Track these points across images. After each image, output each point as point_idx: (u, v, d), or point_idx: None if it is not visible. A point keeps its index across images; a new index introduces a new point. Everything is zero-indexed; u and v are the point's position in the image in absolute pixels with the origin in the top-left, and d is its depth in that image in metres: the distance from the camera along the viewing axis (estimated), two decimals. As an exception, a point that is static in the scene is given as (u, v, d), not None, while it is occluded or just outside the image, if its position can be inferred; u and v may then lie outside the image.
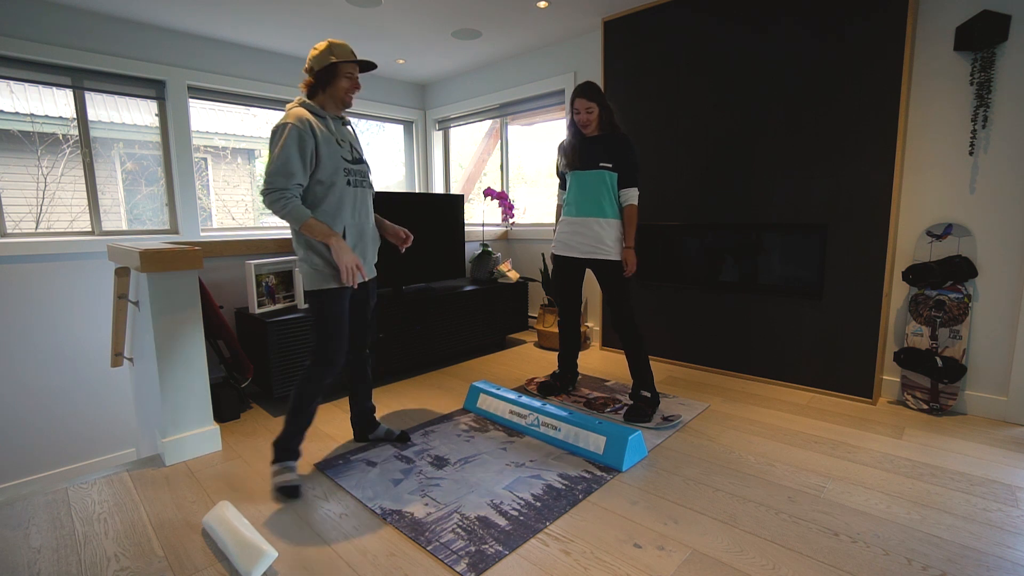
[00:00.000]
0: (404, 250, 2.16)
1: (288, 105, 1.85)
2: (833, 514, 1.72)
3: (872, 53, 2.54)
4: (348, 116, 2.07)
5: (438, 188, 5.51)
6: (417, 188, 5.52)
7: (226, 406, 2.53)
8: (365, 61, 1.93)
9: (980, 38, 2.33)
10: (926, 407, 2.58)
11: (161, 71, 3.70)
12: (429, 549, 1.54)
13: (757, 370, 3.08)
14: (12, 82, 3.32)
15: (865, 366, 2.70)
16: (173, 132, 3.82)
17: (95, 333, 3.43)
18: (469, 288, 3.60)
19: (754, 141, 2.95)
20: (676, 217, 3.32)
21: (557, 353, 3.67)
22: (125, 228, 3.88)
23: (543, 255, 4.24)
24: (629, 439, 2.04)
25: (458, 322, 3.48)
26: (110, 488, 1.94)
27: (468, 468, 2.03)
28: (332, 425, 2.47)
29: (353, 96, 1.92)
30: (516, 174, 5.04)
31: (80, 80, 3.47)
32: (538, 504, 1.78)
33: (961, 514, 1.71)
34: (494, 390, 2.57)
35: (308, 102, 1.85)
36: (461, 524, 1.66)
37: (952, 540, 1.58)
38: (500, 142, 4.89)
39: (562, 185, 2.68)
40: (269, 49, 4.19)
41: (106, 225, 3.67)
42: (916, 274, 2.57)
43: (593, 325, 3.99)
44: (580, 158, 2.48)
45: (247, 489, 1.90)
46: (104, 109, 3.73)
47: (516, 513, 1.72)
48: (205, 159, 5.20)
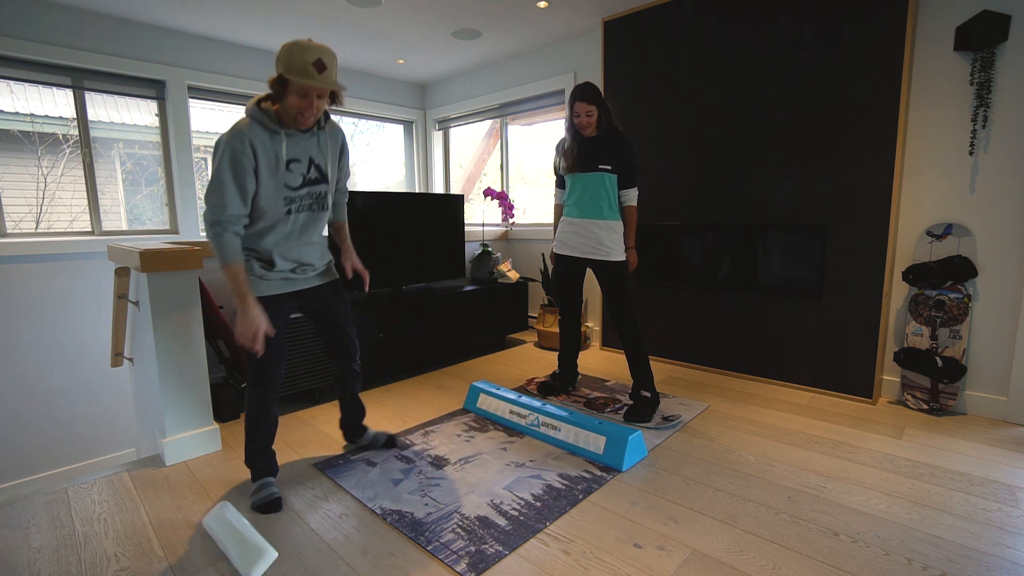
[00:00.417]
0: (351, 276, 1.96)
1: (248, 104, 1.61)
2: (833, 514, 1.72)
3: (872, 53, 2.54)
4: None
5: (438, 188, 5.51)
6: (417, 188, 5.52)
7: (226, 406, 2.53)
8: (321, 86, 1.53)
9: (980, 38, 2.33)
10: (926, 407, 2.58)
11: (161, 71, 3.70)
12: (429, 549, 1.54)
13: (757, 370, 3.08)
14: (12, 82, 3.32)
15: (865, 366, 2.70)
16: (173, 132, 3.82)
17: (95, 333, 3.43)
18: (469, 288, 3.60)
19: (754, 141, 2.95)
20: (676, 217, 3.32)
21: (557, 353, 3.67)
22: (125, 228, 3.88)
23: (543, 255, 4.24)
24: (629, 439, 2.04)
25: (458, 322, 3.48)
26: (110, 488, 1.94)
27: (468, 468, 2.03)
28: (332, 425, 2.47)
29: (309, 118, 1.59)
30: (516, 174, 5.04)
31: (80, 80, 3.47)
32: (538, 504, 1.78)
33: (961, 514, 1.71)
34: (494, 390, 2.57)
35: (261, 109, 1.58)
36: (461, 524, 1.66)
37: (952, 540, 1.58)
38: (500, 142, 4.89)
39: (559, 184, 2.68)
40: (269, 49, 4.19)
41: (106, 225, 3.67)
42: (916, 274, 2.57)
43: (593, 325, 3.99)
44: (580, 160, 2.47)
45: (247, 489, 1.90)
46: (104, 109, 3.73)
47: (516, 513, 1.72)
48: (205, 159, 5.20)
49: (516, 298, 3.90)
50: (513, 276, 3.90)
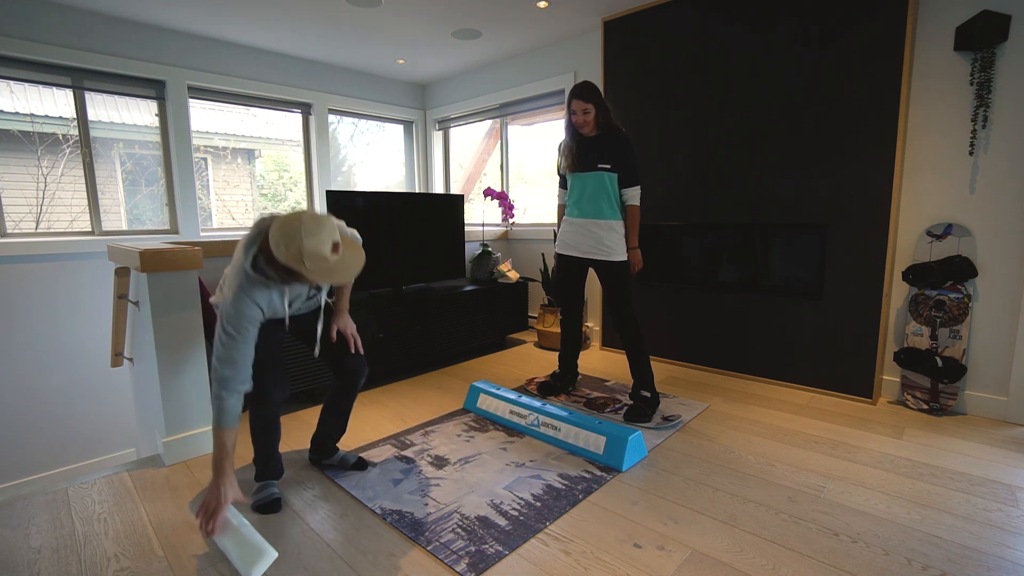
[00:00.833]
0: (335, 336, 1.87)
1: (248, 234, 1.54)
2: (833, 514, 1.72)
3: (872, 53, 2.54)
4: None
5: (438, 188, 5.51)
6: (417, 188, 5.52)
7: (226, 406, 2.52)
8: (330, 277, 1.50)
9: (980, 38, 2.33)
10: (926, 407, 2.58)
11: (161, 71, 3.70)
12: (429, 549, 1.54)
13: (757, 370, 3.08)
14: (12, 82, 3.32)
15: (865, 366, 2.70)
16: (173, 132, 3.82)
17: (95, 333, 3.43)
18: (469, 288, 3.60)
19: (754, 141, 2.95)
20: (676, 217, 3.32)
21: (557, 353, 3.67)
22: (125, 228, 3.88)
23: (543, 255, 4.24)
24: (629, 439, 2.04)
25: (458, 322, 3.48)
26: (110, 488, 1.94)
27: (468, 468, 2.03)
28: (332, 425, 2.47)
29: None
30: (516, 174, 5.04)
31: (80, 80, 3.47)
32: (538, 504, 1.78)
33: (961, 514, 1.71)
34: (494, 390, 2.57)
35: (258, 274, 1.54)
36: (461, 524, 1.66)
37: (952, 540, 1.58)
38: (500, 142, 4.89)
39: (562, 184, 2.68)
40: (269, 49, 4.19)
41: (106, 225, 3.67)
42: (916, 274, 2.57)
43: (593, 325, 3.99)
44: (579, 160, 2.48)
45: (247, 489, 1.90)
46: (104, 109, 3.73)
47: (516, 513, 1.72)
48: (205, 159, 5.20)
49: (516, 298, 3.90)
50: (513, 276, 3.90)
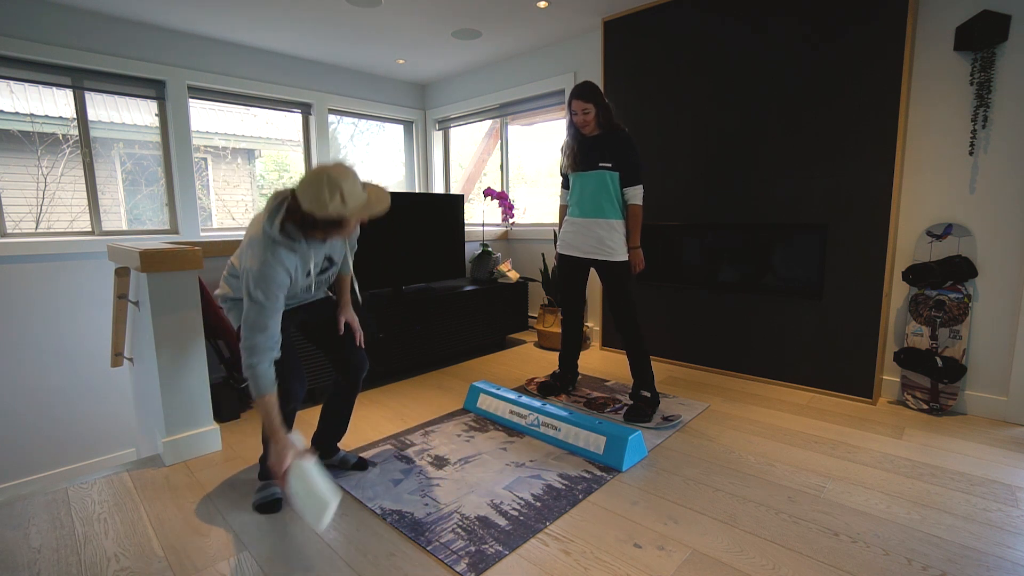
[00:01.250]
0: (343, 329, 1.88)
1: (268, 204, 1.55)
2: (833, 514, 1.72)
3: (872, 53, 2.54)
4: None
5: (438, 188, 5.51)
6: (417, 188, 5.52)
7: (226, 406, 2.53)
8: (372, 211, 1.56)
9: (980, 38, 2.33)
10: (926, 407, 2.58)
11: (161, 71, 3.70)
12: (429, 549, 1.54)
13: (757, 370, 3.08)
14: (12, 82, 3.32)
15: (865, 366, 2.70)
16: (173, 132, 3.82)
17: (95, 333, 3.43)
18: (469, 288, 3.60)
19: (754, 141, 2.95)
20: (676, 217, 3.32)
21: (557, 353, 3.67)
22: (125, 228, 3.88)
23: (543, 255, 4.24)
24: (629, 439, 2.04)
25: (458, 322, 3.48)
26: (110, 488, 1.94)
27: (468, 468, 2.03)
28: (332, 425, 2.47)
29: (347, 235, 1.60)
30: (516, 174, 5.04)
31: (80, 80, 3.47)
32: (538, 504, 1.78)
33: (961, 514, 1.71)
34: (494, 390, 2.57)
35: (285, 238, 1.54)
36: (461, 524, 1.66)
37: (952, 540, 1.58)
38: (500, 142, 4.89)
39: (565, 185, 2.68)
40: (269, 49, 4.19)
41: (106, 225, 3.67)
42: (916, 274, 2.57)
43: (593, 325, 3.99)
44: (580, 159, 2.48)
45: (247, 489, 1.90)
46: (104, 109, 3.73)
47: (516, 513, 1.72)
48: (205, 159, 5.20)
49: (516, 298, 3.90)
50: (513, 276, 3.90)
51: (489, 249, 3.98)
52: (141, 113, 3.95)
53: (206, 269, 2.73)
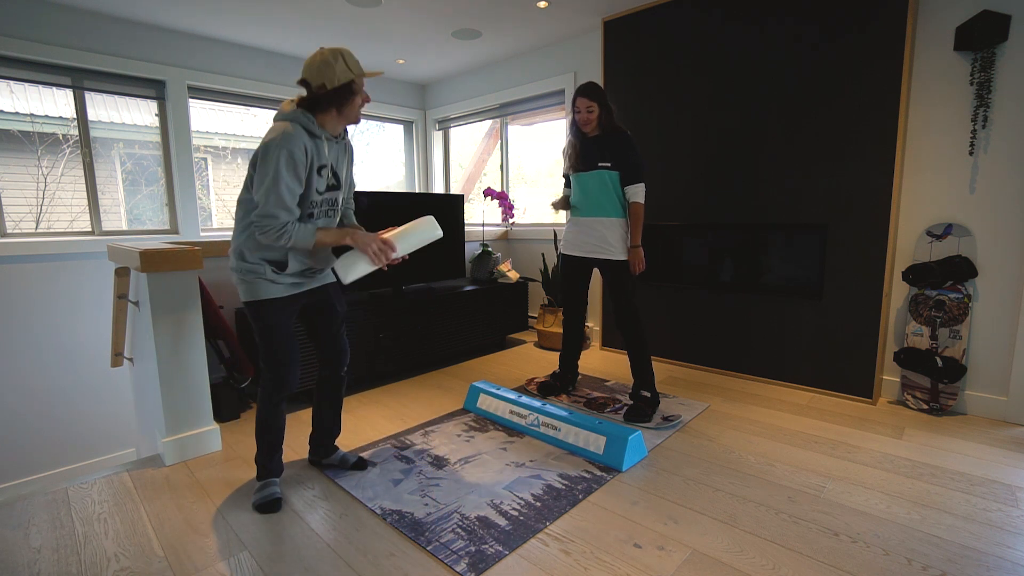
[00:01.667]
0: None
1: (282, 109, 1.64)
2: (833, 514, 1.72)
3: (872, 53, 2.54)
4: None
5: (438, 188, 5.51)
6: (417, 188, 5.52)
7: (226, 406, 2.53)
8: (375, 73, 1.79)
9: (980, 38, 2.33)
10: (926, 407, 2.58)
11: (161, 71, 3.70)
12: (429, 549, 1.54)
13: (757, 370, 3.08)
14: (12, 82, 3.32)
15: (865, 366, 2.70)
16: (173, 132, 3.82)
17: (95, 333, 3.43)
18: (469, 288, 3.60)
19: (754, 141, 2.95)
20: (676, 217, 3.32)
21: (557, 353, 3.67)
22: (125, 228, 3.89)
23: (543, 255, 4.24)
24: (629, 439, 2.04)
25: (458, 322, 3.48)
26: (110, 488, 1.94)
27: (468, 468, 2.03)
28: (332, 425, 2.47)
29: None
30: (516, 174, 5.04)
31: (80, 80, 3.47)
32: (538, 504, 1.78)
33: (961, 514, 1.71)
34: (494, 390, 2.57)
35: (304, 116, 1.62)
36: (461, 524, 1.66)
37: (952, 540, 1.58)
38: (500, 142, 4.89)
39: (567, 186, 2.69)
40: (269, 49, 4.19)
41: (106, 225, 3.67)
42: (916, 274, 2.57)
43: (593, 325, 3.99)
44: (581, 159, 2.49)
45: (247, 489, 1.90)
46: (104, 109, 3.73)
47: (516, 513, 1.72)
48: (205, 159, 5.20)
49: (516, 298, 3.90)
50: (513, 276, 3.90)
51: (489, 249, 3.98)
52: (141, 113, 3.95)
53: (206, 269, 2.74)
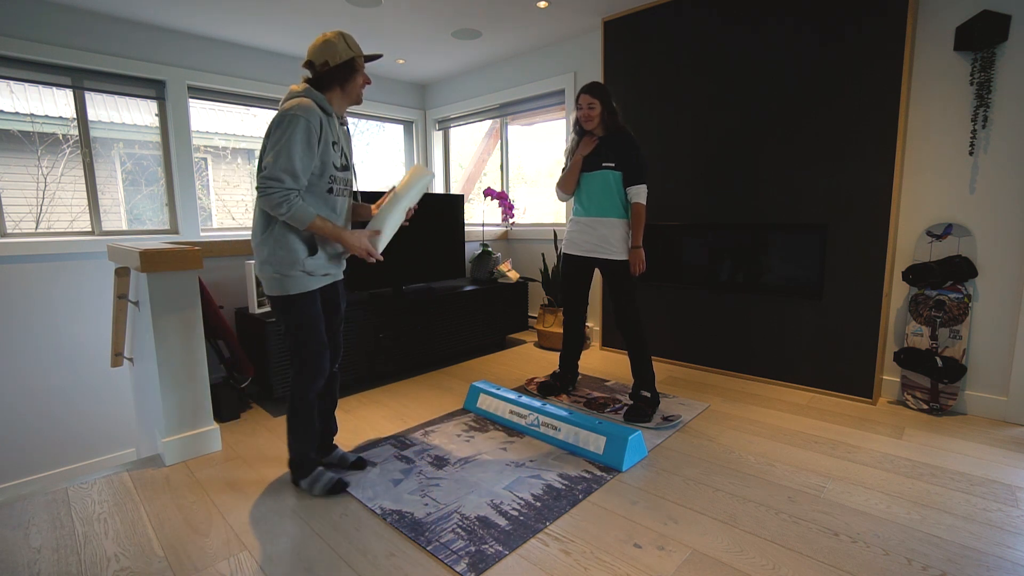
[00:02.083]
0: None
1: (292, 90, 1.67)
2: (833, 514, 1.72)
3: (872, 53, 2.54)
4: (350, 117, 1.90)
5: (438, 188, 5.51)
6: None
7: (226, 406, 2.53)
8: (374, 55, 1.87)
9: (980, 38, 2.33)
10: (926, 407, 2.58)
11: (161, 71, 3.70)
12: (429, 549, 1.54)
13: (757, 370, 3.08)
14: (12, 82, 3.32)
15: (865, 366, 2.70)
16: (173, 132, 3.82)
17: (95, 333, 3.43)
18: (469, 288, 3.60)
19: (754, 141, 2.95)
20: (676, 217, 3.32)
21: (557, 353, 3.67)
22: (125, 228, 3.88)
23: (543, 255, 4.24)
24: (629, 439, 2.04)
25: (458, 322, 3.47)
26: (110, 488, 1.94)
27: (468, 468, 2.03)
28: (332, 425, 2.47)
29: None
30: (516, 174, 5.04)
31: (80, 80, 3.47)
32: (538, 504, 1.78)
33: (961, 514, 1.71)
34: (494, 390, 2.57)
35: (318, 94, 1.68)
36: (461, 524, 1.66)
37: (952, 540, 1.58)
38: (500, 142, 4.89)
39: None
40: (269, 49, 4.19)
41: (106, 225, 3.67)
42: (916, 274, 2.57)
43: (593, 325, 3.99)
44: (584, 160, 2.49)
45: (247, 489, 1.90)
46: (104, 109, 3.73)
47: (516, 513, 1.72)
48: (205, 159, 5.20)
49: (516, 298, 3.90)
50: (513, 276, 3.90)
51: (489, 249, 3.98)
52: (141, 113, 3.95)
53: (206, 269, 2.74)
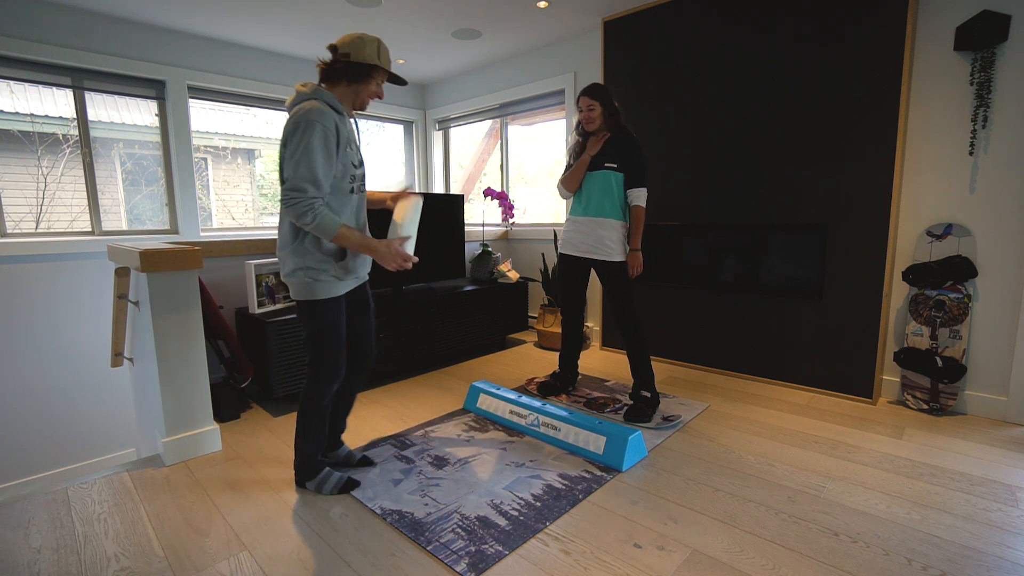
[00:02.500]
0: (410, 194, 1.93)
1: (299, 90, 1.65)
2: (833, 514, 1.72)
3: (872, 53, 2.54)
4: (349, 117, 1.90)
5: (438, 188, 5.51)
6: (417, 188, 5.52)
7: (226, 406, 2.53)
8: (400, 78, 1.84)
9: (980, 38, 2.33)
10: (926, 407, 2.58)
11: (161, 71, 3.70)
12: (429, 549, 1.54)
13: (757, 370, 3.08)
14: (12, 82, 3.32)
15: (865, 366, 2.69)
16: (173, 132, 3.82)
17: (95, 333, 3.43)
18: (469, 288, 3.60)
19: (754, 141, 2.95)
20: (676, 217, 3.32)
21: (557, 353, 3.67)
22: (125, 228, 3.88)
23: (543, 255, 4.24)
24: (629, 439, 2.04)
25: (458, 322, 3.48)
26: (110, 488, 1.94)
27: (468, 468, 2.03)
28: (332, 425, 2.47)
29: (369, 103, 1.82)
30: (516, 174, 5.04)
31: (80, 80, 3.47)
32: (538, 504, 1.78)
33: (961, 514, 1.71)
34: (494, 390, 2.57)
35: (327, 93, 1.66)
36: (461, 524, 1.66)
37: (952, 540, 1.58)
38: (500, 142, 4.89)
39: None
40: (269, 49, 4.19)
41: (106, 225, 3.67)
42: (916, 274, 2.57)
43: (593, 325, 3.99)
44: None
45: (247, 489, 1.90)
46: (104, 109, 3.73)
47: (516, 513, 1.72)
48: (205, 159, 5.20)
49: (516, 298, 3.90)
50: (513, 276, 3.90)
51: (489, 249, 3.98)
52: (141, 113, 3.95)
53: (206, 269, 2.74)
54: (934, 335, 2.58)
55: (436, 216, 3.47)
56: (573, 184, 2.54)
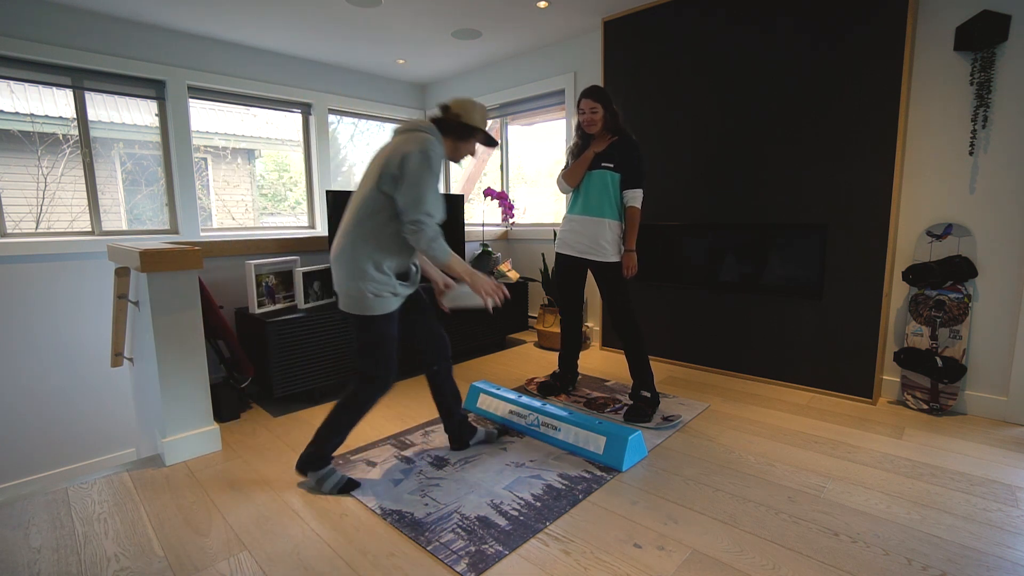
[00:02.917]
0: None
1: (419, 122, 1.81)
2: (833, 514, 1.72)
3: (872, 53, 2.54)
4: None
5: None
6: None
7: (226, 406, 2.53)
8: (493, 140, 1.98)
9: (980, 38, 2.33)
10: (926, 407, 2.58)
11: (161, 71, 3.70)
12: (429, 549, 1.54)
13: (757, 370, 3.08)
14: (12, 82, 3.32)
15: (865, 366, 2.69)
16: (173, 132, 3.82)
17: (95, 333, 3.43)
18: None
19: (754, 141, 2.95)
20: (676, 217, 3.32)
21: (557, 353, 3.67)
22: (125, 228, 3.88)
23: (543, 255, 4.24)
24: (629, 439, 2.04)
25: (458, 322, 3.48)
26: (110, 488, 1.94)
27: (468, 468, 2.03)
28: (332, 425, 2.47)
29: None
30: (516, 174, 5.04)
31: (80, 80, 3.47)
32: (538, 504, 1.78)
33: (961, 514, 1.71)
34: (494, 390, 2.57)
35: (438, 139, 1.80)
36: (461, 524, 1.66)
37: (952, 540, 1.58)
38: (500, 142, 4.89)
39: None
40: (269, 49, 4.19)
41: (106, 225, 3.67)
42: (916, 274, 2.57)
43: (593, 325, 3.99)
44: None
45: (247, 489, 1.90)
46: (104, 109, 3.73)
47: (516, 513, 1.72)
48: (205, 159, 5.20)
49: (516, 298, 3.90)
50: (513, 276, 3.90)
51: (489, 249, 3.98)
52: (141, 113, 3.95)
53: (206, 269, 2.74)
54: (934, 335, 2.58)
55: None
56: (574, 179, 2.53)
